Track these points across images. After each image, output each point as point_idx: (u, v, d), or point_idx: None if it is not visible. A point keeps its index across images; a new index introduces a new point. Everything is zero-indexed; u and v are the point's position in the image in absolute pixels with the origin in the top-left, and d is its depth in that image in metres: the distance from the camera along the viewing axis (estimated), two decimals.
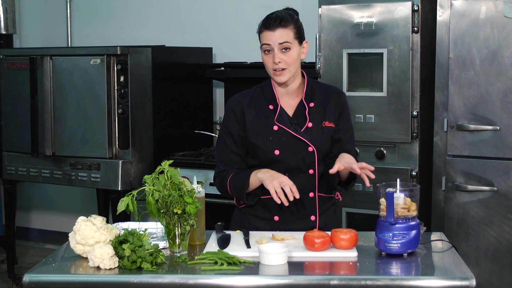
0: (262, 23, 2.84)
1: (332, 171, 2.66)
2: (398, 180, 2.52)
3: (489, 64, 3.71)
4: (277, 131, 2.84)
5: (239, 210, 2.96)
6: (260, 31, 2.83)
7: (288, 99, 2.90)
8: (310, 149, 2.83)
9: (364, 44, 3.97)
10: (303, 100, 2.87)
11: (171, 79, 4.88)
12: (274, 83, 2.90)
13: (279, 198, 2.65)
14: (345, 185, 2.84)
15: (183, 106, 5.00)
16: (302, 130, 2.84)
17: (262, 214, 2.88)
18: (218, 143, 2.95)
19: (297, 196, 2.67)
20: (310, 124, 2.85)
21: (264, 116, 2.86)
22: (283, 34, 2.79)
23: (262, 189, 2.79)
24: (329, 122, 2.88)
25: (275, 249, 2.41)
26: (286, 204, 2.67)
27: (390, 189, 2.47)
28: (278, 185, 2.66)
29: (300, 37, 2.84)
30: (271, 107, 2.88)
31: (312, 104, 2.88)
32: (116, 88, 4.57)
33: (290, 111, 2.88)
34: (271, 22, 2.80)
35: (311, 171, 2.85)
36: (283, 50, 2.79)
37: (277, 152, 2.82)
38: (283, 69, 2.80)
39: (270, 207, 2.85)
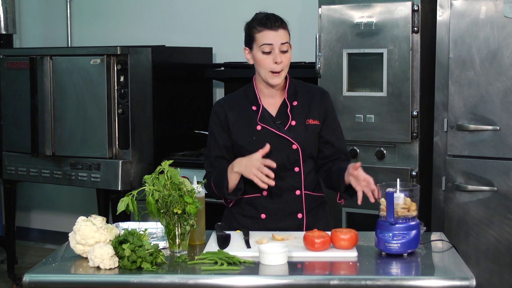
0: (259, 22, 2.82)
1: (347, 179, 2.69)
2: (398, 180, 2.52)
3: (489, 64, 3.71)
4: (260, 130, 2.85)
5: (228, 210, 2.98)
6: (258, 31, 2.82)
7: (271, 100, 2.91)
8: (294, 146, 2.84)
9: (364, 44, 3.97)
10: (286, 99, 2.88)
11: (171, 79, 4.88)
12: (256, 84, 2.91)
13: (266, 185, 2.68)
14: (350, 194, 2.81)
15: (183, 106, 5.00)
16: (285, 128, 2.85)
17: (249, 213, 2.89)
18: (206, 147, 2.99)
19: (272, 175, 2.68)
20: (293, 122, 2.86)
21: (247, 117, 2.88)
22: (284, 35, 2.81)
23: (245, 184, 2.81)
24: (313, 119, 2.88)
25: (275, 249, 2.41)
26: (273, 183, 2.68)
27: (390, 189, 2.47)
28: (258, 171, 2.68)
29: (289, 40, 2.86)
30: (253, 108, 2.89)
31: (295, 103, 2.89)
32: (116, 88, 4.57)
33: (273, 111, 2.89)
34: (273, 22, 2.80)
35: (296, 169, 2.86)
36: (282, 51, 2.80)
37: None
38: (280, 70, 2.81)
39: (257, 206, 2.86)
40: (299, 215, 2.88)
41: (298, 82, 2.96)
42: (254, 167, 2.69)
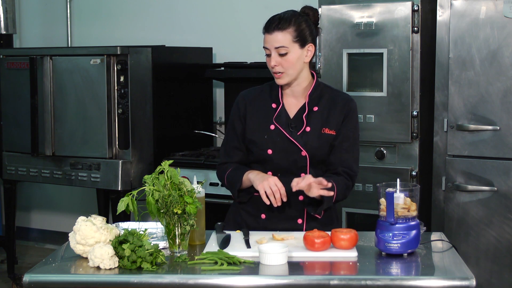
0: (264, 25, 2.83)
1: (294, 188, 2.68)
2: (398, 180, 2.52)
3: (489, 64, 3.71)
4: (273, 130, 2.84)
5: (234, 205, 3.00)
6: (263, 33, 2.82)
7: (293, 100, 2.88)
8: (303, 153, 2.81)
9: (364, 44, 3.97)
10: (306, 104, 2.85)
11: (171, 79, 4.88)
12: None
13: (269, 199, 2.69)
14: (314, 207, 2.79)
15: (183, 106, 5.00)
16: (298, 134, 2.82)
17: (252, 211, 2.90)
18: (225, 135, 2.99)
19: (284, 199, 2.71)
20: (308, 129, 2.82)
21: (265, 114, 2.86)
22: (279, 38, 2.76)
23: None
24: (330, 129, 2.83)
25: (275, 249, 2.41)
26: (275, 205, 2.70)
27: (390, 189, 2.47)
28: (268, 186, 2.69)
29: (301, 40, 2.78)
30: (273, 105, 2.87)
31: (316, 108, 2.84)
32: (116, 88, 4.57)
33: (292, 113, 2.86)
34: (270, 24, 2.79)
35: (302, 175, 2.80)
36: (280, 54, 2.77)
37: (270, 151, 2.83)
38: (281, 72, 2.79)
39: (259, 205, 2.84)
40: (299, 220, 2.86)
41: (325, 86, 2.91)
42: (267, 182, 2.70)
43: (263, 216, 2.87)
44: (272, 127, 2.84)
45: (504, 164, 3.72)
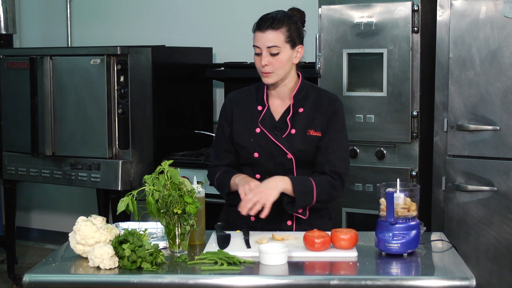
0: (256, 22, 2.81)
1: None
2: (398, 180, 2.52)
3: (489, 64, 3.71)
4: (258, 133, 2.82)
5: (226, 206, 2.99)
6: (253, 31, 2.81)
7: (279, 101, 2.87)
8: (289, 156, 2.80)
9: (364, 44, 3.97)
10: (291, 105, 2.83)
11: (171, 79, 4.88)
12: None
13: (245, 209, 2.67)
14: (292, 206, 2.76)
15: (183, 106, 5.00)
16: (283, 136, 2.81)
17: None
18: (214, 138, 3.00)
19: (264, 214, 2.67)
20: (293, 131, 2.81)
21: (250, 117, 2.86)
22: (272, 37, 2.75)
23: None
24: (315, 131, 2.81)
25: (275, 249, 2.41)
26: (252, 213, 2.66)
27: (390, 189, 2.47)
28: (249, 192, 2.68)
29: (292, 41, 2.79)
30: (259, 107, 2.86)
31: (301, 110, 2.83)
32: (116, 88, 4.57)
33: (277, 115, 2.85)
34: (263, 23, 2.77)
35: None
36: (272, 54, 2.75)
37: (256, 154, 2.82)
38: (270, 72, 2.77)
39: None
40: (289, 222, 2.85)
41: (311, 86, 2.89)
42: (250, 186, 2.69)
43: (252, 218, 2.86)
44: (258, 130, 2.83)
45: (504, 164, 3.72)
